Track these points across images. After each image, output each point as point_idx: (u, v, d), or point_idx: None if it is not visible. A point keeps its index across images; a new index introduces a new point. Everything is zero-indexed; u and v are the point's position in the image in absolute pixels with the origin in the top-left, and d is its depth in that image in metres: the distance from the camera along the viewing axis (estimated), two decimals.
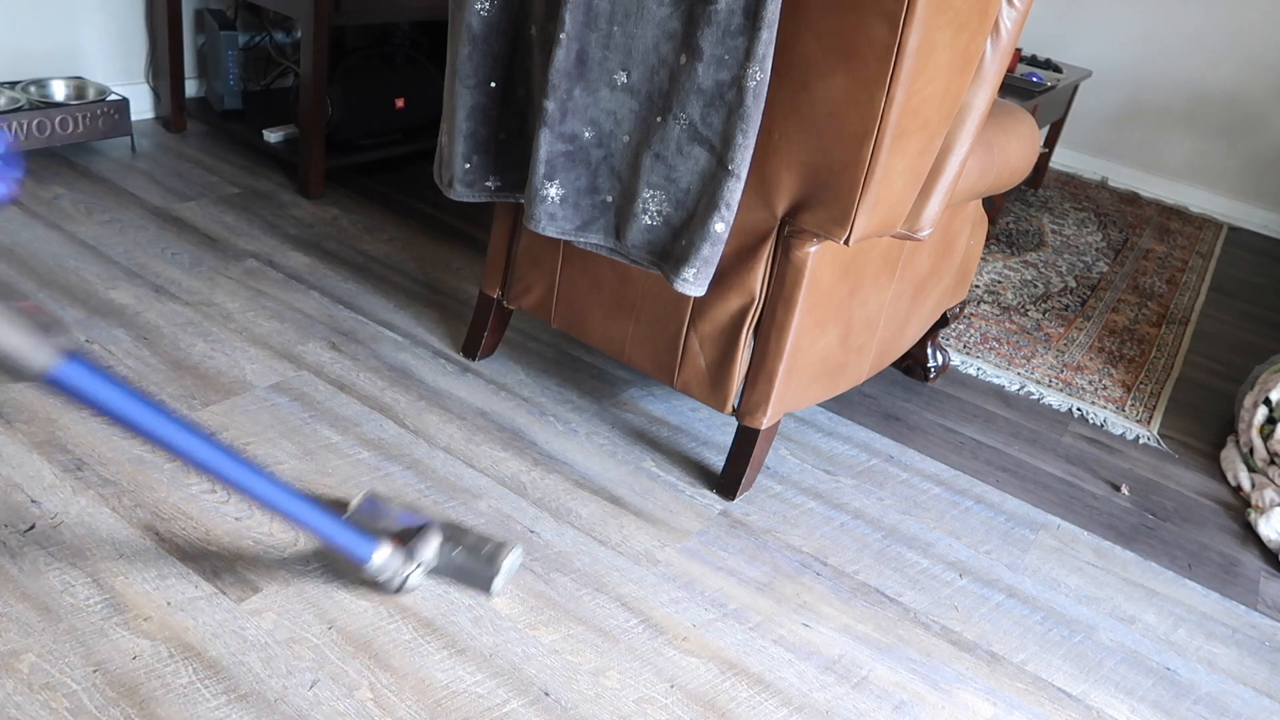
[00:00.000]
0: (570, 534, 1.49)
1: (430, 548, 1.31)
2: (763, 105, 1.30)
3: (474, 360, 1.90)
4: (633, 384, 1.94)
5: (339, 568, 1.34)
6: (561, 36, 1.36)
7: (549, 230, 1.50)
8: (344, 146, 2.62)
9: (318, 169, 2.47)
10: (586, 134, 1.44)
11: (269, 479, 1.10)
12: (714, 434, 1.83)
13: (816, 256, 1.45)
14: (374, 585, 1.32)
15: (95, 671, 1.12)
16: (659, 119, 1.37)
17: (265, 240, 2.22)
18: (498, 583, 1.30)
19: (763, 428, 1.59)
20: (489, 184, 1.61)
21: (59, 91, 2.47)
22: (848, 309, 1.60)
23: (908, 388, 2.13)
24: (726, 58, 1.28)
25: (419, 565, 1.29)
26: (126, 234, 2.12)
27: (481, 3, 1.47)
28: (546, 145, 1.43)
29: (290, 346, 1.83)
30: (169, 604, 1.23)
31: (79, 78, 2.51)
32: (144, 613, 1.21)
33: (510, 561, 1.32)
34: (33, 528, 1.31)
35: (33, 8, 2.45)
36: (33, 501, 1.35)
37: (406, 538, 1.31)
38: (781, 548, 1.56)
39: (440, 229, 2.47)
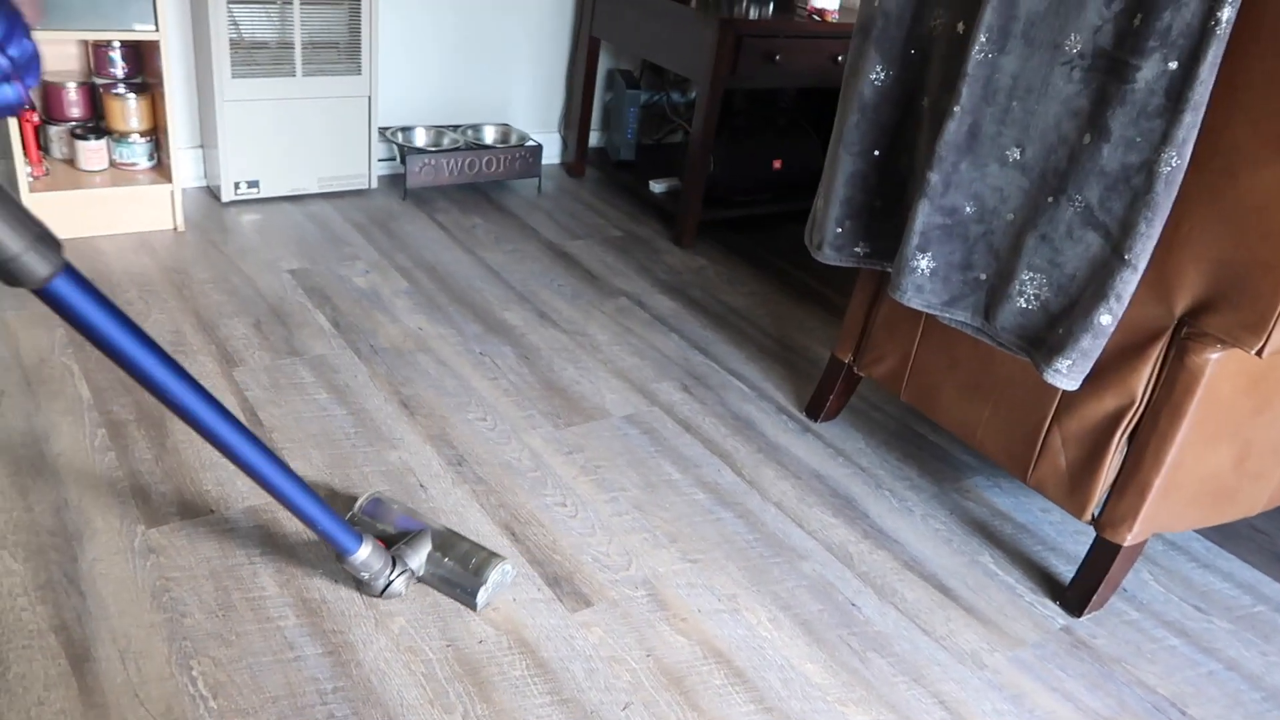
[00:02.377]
0: (893, 616, 1.44)
1: (419, 555, 1.32)
2: (1175, 193, 1.19)
3: (816, 421, 1.90)
4: (978, 471, 1.83)
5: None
6: (955, 109, 1.34)
7: (914, 302, 1.47)
8: (720, 201, 2.76)
9: (693, 220, 2.62)
10: (968, 208, 1.40)
11: (259, 447, 1.04)
12: (1064, 540, 1.68)
13: (1217, 364, 1.29)
14: (358, 583, 1.32)
15: (448, 647, 1.26)
16: (1050, 199, 1.30)
17: (637, 281, 2.39)
18: (482, 596, 1.30)
19: (1125, 544, 1.43)
20: (858, 250, 1.61)
21: (488, 136, 2.85)
22: (1249, 428, 1.41)
23: None
24: (1139, 140, 1.19)
25: (405, 571, 1.29)
26: (524, 263, 2.39)
27: (877, 73, 1.49)
28: (924, 217, 1.41)
29: (647, 383, 1.94)
30: (514, 600, 1.35)
31: (505, 125, 2.88)
32: (493, 603, 1.34)
33: (498, 575, 1.31)
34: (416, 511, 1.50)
35: (477, 66, 2.85)
36: (420, 486, 1.54)
37: (401, 542, 1.32)
38: (1132, 683, 1.39)
39: (799, 289, 2.51)
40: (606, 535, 1.50)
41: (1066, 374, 1.32)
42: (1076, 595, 1.51)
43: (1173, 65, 1.14)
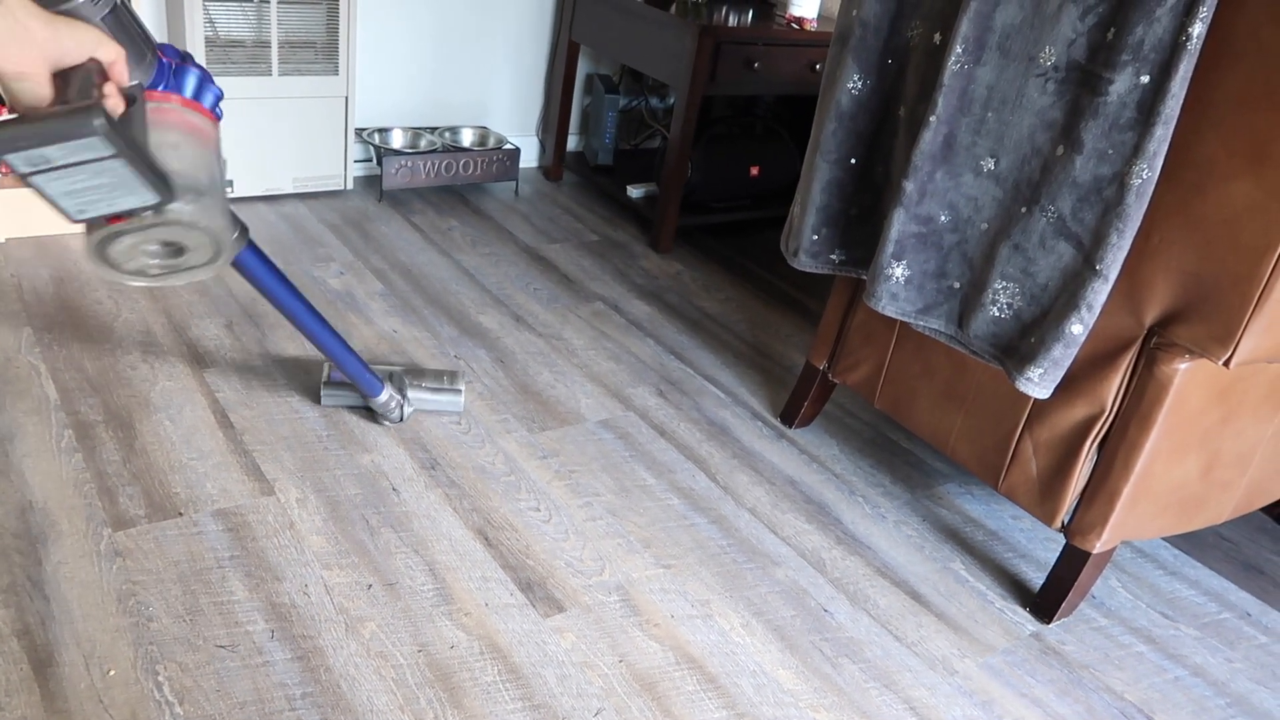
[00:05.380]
0: (865, 622, 1.44)
1: (405, 389, 1.67)
2: (1145, 205, 1.21)
3: (790, 428, 1.91)
4: (951, 478, 1.85)
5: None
6: (931, 119, 1.35)
7: (889, 310, 1.48)
8: (697, 207, 2.76)
9: (670, 226, 2.62)
10: (942, 218, 1.41)
11: (337, 338, 1.50)
12: (1035, 547, 1.69)
13: (1186, 375, 1.31)
14: (378, 417, 1.68)
15: (419, 652, 1.25)
16: (1023, 209, 1.32)
17: (614, 286, 2.39)
18: (463, 398, 1.73)
19: (1094, 551, 1.44)
20: (834, 257, 1.62)
21: (466, 138, 2.84)
22: (1216, 438, 1.42)
23: (1278, 538, 1.84)
24: (1111, 152, 1.20)
25: (407, 402, 1.66)
26: (500, 266, 2.38)
27: (854, 82, 1.50)
28: (899, 225, 1.42)
29: (622, 388, 1.94)
30: (486, 605, 1.34)
31: (484, 127, 2.87)
32: (465, 608, 1.33)
33: (465, 381, 1.75)
34: (390, 513, 1.49)
35: (456, 68, 2.84)
36: (393, 489, 1.53)
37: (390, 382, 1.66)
38: (1099, 689, 1.40)
39: (775, 295, 2.52)
40: (580, 540, 1.50)
41: (1038, 382, 1.34)
42: (1046, 602, 1.52)
43: (1144, 79, 1.16)
